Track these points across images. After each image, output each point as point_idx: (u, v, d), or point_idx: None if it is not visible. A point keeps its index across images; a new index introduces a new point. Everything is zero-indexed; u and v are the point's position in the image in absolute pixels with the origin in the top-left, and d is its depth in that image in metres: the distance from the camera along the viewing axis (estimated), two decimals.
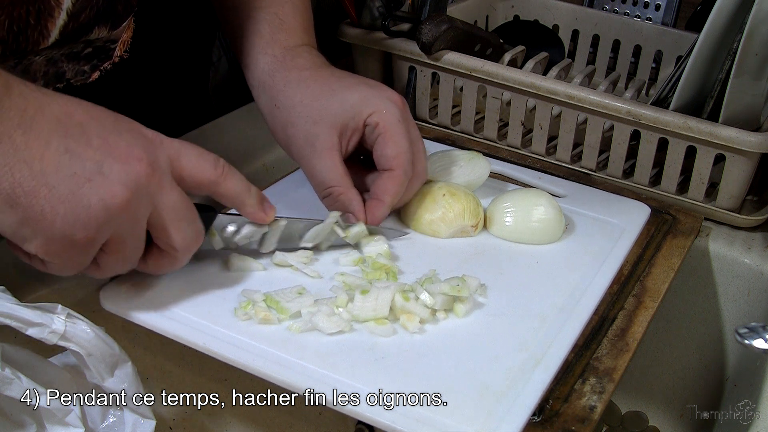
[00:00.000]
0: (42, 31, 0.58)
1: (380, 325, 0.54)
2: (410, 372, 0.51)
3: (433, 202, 0.65)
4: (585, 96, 0.76)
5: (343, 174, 0.61)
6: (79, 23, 0.60)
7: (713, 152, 0.72)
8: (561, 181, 0.76)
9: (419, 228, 0.66)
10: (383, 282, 0.58)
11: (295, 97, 0.63)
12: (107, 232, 0.48)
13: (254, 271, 0.60)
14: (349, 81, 0.64)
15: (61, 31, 0.59)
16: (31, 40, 0.58)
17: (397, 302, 0.55)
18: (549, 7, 1.03)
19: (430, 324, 0.56)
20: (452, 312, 0.57)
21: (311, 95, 0.63)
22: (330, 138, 0.61)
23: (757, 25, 0.66)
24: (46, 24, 0.57)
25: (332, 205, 0.62)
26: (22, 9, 0.56)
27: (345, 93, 0.62)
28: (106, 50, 0.66)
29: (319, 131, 0.62)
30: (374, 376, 0.51)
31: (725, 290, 0.75)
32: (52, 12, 0.57)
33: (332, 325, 0.53)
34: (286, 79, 0.65)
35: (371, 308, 0.54)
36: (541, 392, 0.50)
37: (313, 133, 0.62)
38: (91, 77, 0.67)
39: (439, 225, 0.65)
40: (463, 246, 0.65)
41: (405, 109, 0.63)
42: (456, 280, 0.56)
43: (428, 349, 0.53)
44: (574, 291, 0.60)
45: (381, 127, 0.61)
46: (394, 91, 0.64)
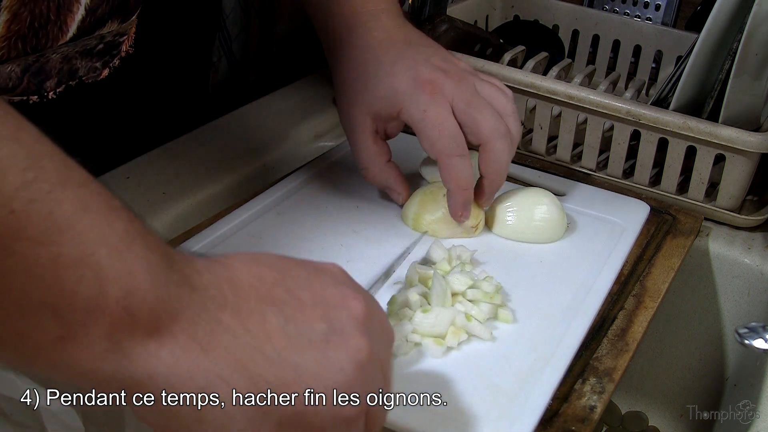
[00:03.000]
0: (61, 27, 0.58)
1: (437, 346, 0.53)
2: (421, 372, 0.51)
3: (433, 202, 0.65)
4: (585, 96, 0.76)
5: (376, 153, 0.64)
6: (95, 18, 0.60)
7: (713, 152, 0.72)
8: (561, 180, 0.76)
9: (419, 228, 0.66)
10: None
11: (342, 77, 0.65)
12: (368, 391, 0.40)
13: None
14: (388, 69, 0.62)
15: (78, 26, 0.59)
16: (50, 35, 0.58)
17: (458, 321, 0.54)
18: (549, 7, 1.03)
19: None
20: (496, 319, 0.56)
21: (351, 79, 0.64)
22: (364, 121, 0.64)
23: (757, 25, 0.66)
24: (66, 19, 0.58)
25: (372, 182, 0.66)
26: (43, 5, 0.56)
27: (378, 84, 0.63)
28: (116, 45, 0.66)
29: (354, 113, 0.64)
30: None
31: (725, 290, 0.75)
32: (71, 7, 0.58)
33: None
34: (340, 57, 0.66)
35: (430, 324, 0.53)
36: (552, 393, 0.50)
37: (351, 114, 0.64)
38: (101, 74, 0.67)
39: (440, 225, 0.65)
40: (467, 246, 0.65)
41: (434, 91, 0.61)
42: (486, 285, 0.57)
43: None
44: (579, 290, 0.60)
45: (413, 125, 0.62)
46: (431, 68, 0.62)
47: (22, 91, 0.62)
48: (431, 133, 0.61)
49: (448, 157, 0.61)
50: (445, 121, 0.61)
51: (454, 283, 0.56)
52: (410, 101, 0.61)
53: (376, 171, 0.65)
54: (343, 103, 0.65)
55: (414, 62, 0.62)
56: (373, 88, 0.63)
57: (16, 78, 0.61)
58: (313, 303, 0.39)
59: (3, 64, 0.59)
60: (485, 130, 0.61)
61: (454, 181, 0.62)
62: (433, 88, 0.61)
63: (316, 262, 0.42)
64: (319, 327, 0.38)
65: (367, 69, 0.64)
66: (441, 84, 0.61)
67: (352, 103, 0.64)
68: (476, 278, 0.58)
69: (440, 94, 0.61)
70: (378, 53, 0.64)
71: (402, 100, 0.61)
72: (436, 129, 0.61)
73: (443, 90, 0.61)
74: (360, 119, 0.64)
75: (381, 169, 0.65)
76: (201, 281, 0.36)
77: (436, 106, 0.61)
